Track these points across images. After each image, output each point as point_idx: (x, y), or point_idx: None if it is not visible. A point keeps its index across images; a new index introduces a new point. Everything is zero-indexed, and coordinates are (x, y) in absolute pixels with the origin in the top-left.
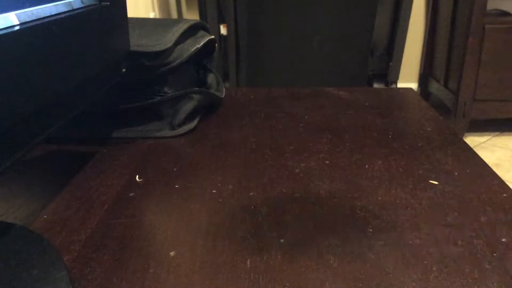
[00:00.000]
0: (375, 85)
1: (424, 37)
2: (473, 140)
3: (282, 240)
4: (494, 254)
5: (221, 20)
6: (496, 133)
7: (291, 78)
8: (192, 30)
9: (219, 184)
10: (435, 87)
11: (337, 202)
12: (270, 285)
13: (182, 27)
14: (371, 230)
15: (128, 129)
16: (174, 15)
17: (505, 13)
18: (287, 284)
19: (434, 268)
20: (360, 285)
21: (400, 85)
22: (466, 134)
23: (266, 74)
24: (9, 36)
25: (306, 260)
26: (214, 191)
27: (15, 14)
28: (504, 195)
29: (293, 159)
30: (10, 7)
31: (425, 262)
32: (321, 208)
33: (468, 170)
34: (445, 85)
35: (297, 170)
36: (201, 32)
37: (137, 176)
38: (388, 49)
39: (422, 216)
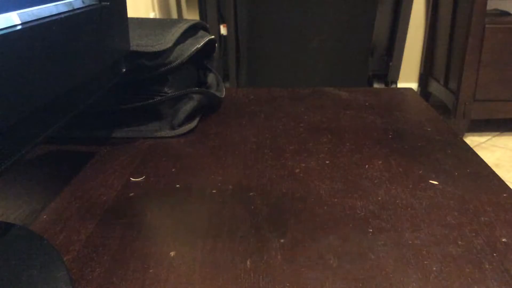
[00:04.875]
0: (375, 85)
1: (424, 37)
2: (473, 140)
3: (282, 240)
4: (494, 254)
5: (221, 20)
6: (496, 133)
7: (291, 78)
8: (192, 30)
9: (219, 184)
10: (435, 87)
11: (337, 202)
12: (270, 285)
13: (182, 27)
14: (371, 230)
15: (128, 129)
16: (174, 15)
17: (505, 13)
18: (287, 284)
19: (434, 268)
20: (360, 285)
21: (400, 85)
22: (466, 134)
23: (266, 74)
24: (12, 36)
25: (306, 260)
26: (214, 191)
27: (17, 13)
28: (504, 195)
29: (293, 159)
30: (12, 7)
31: (425, 262)
32: (321, 208)
33: (468, 170)
34: (445, 85)
35: (297, 170)
36: (201, 32)
37: (131, 178)
38: (388, 49)
39: (422, 216)
